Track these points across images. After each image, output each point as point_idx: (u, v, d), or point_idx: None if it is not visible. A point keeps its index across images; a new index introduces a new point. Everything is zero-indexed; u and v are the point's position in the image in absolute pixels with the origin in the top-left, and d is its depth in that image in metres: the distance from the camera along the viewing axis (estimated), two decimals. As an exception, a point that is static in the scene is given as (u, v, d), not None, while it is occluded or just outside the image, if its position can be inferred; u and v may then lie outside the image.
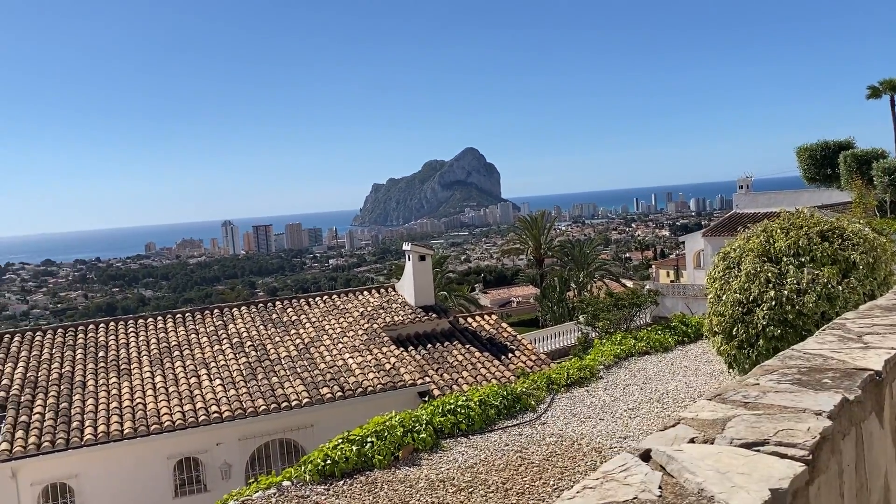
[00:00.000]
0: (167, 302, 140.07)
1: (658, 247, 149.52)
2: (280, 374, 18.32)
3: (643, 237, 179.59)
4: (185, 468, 16.74)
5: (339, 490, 8.06)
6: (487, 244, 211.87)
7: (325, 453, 8.53)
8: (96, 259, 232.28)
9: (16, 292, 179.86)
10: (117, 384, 17.71)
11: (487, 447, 9.34)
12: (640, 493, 1.85)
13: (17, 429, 15.67)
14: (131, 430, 15.89)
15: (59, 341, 19.90)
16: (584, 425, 10.19)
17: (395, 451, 8.87)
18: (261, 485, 8.18)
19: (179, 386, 17.66)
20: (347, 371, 18.48)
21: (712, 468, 2.00)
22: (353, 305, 22.85)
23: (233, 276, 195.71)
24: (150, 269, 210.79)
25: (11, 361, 18.73)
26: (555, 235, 59.15)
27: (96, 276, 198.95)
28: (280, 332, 20.71)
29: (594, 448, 9.15)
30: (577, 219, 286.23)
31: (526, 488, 7.84)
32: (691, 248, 46.72)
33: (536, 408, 10.99)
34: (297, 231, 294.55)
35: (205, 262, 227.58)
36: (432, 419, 9.68)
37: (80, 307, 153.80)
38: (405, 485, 8.09)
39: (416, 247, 23.97)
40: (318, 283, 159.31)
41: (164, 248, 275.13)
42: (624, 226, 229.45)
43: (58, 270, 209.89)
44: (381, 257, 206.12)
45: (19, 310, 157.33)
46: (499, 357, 20.68)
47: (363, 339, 20.36)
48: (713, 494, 1.86)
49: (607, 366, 13.33)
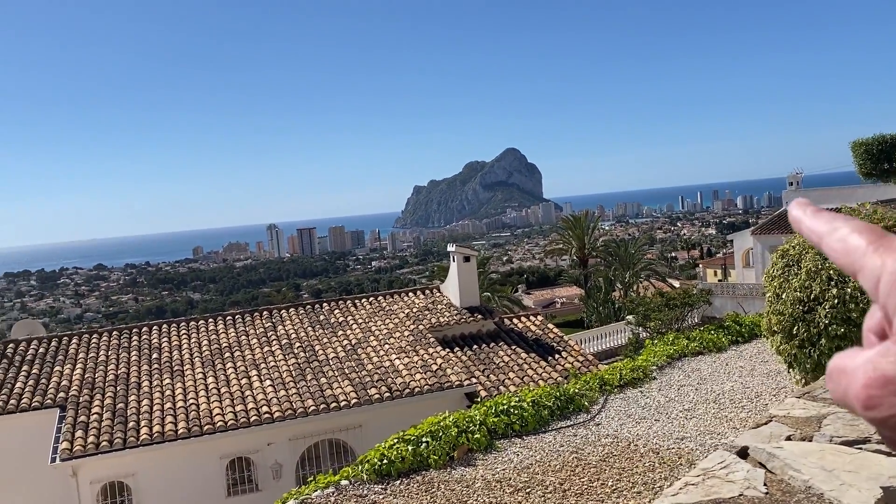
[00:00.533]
0: (215, 304, 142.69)
1: (704, 246, 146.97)
2: (328, 374, 18.48)
3: (689, 236, 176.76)
4: (238, 468, 16.99)
5: (397, 489, 8.07)
6: (530, 245, 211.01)
7: (381, 453, 8.55)
8: (146, 263, 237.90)
9: (70, 296, 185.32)
10: (171, 385, 18.07)
11: (542, 448, 9.25)
12: (745, 489, 1.79)
13: (76, 429, 16.09)
14: (185, 430, 16.19)
15: (115, 343, 20.40)
16: (639, 426, 10.03)
17: (450, 452, 8.85)
18: (319, 484, 8.24)
19: (231, 387, 17.93)
20: (394, 372, 18.55)
21: (817, 465, 1.92)
22: (399, 307, 22.93)
23: (278, 278, 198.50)
24: (197, 273, 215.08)
25: (70, 363, 19.27)
26: (598, 235, 58.50)
27: (146, 280, 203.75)
28: (328, 333, 20.89)
29: (651, 449, 9.00)
30: (620, 218, 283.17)
31: (584, 489, 7.75)
32: (740, 246, 45.78)
33: (590, 409, 10.87)
34: (341, 233, 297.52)
35: (251, 264, 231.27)
36: (486, 419, 9.63)
37: (131, 310, 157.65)
38: (462, 485, 8.06)
39: (461, 248, 23.94)
40: (361, 285, 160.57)
41: (212, 251, 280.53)
42: (669, 225, 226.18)
43: (109, 274, 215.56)
44: (423, 259, 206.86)
45: (73, 313, 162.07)
46: (545, 358, 20.53)
47: (409, 340, 20.41)
48: (822, 492, 1.78)
49: (660, 366, 13.11)
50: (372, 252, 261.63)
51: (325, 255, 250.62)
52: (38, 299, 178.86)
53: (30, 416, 17.30)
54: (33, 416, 17.29)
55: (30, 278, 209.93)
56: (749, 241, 42.43)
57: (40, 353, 19.83)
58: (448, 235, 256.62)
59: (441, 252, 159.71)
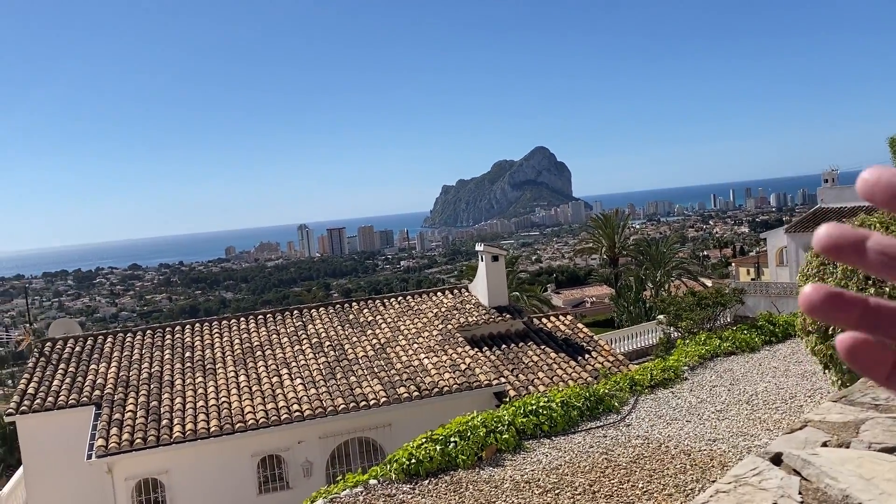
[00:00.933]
0: (247, 304, 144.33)
1: (737, 244, 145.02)
2: (358, 373, 18.56)
3: (721, 234, 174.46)
4: (269, 466, 17.15)
5: (425, 489, 8.07)
6: (559, 244, 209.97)
7: (409, 452, 8.56)
8: (179, 263, 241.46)
9: (105, 295, 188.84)
10: (203, 383, 18.30)
11: (571, 449, 9.19)
12: (778, 498, 1.74)
13: (111, 426, 16.38)
14: (217, 427, 16.38)
15: (148, 342, 20.72)
16: (670, 427, 9.91)
17: (478, 452, 8.83)
18: (348, 483, 8.28)
19: (262, 385, 18.11)
20: (423, 371, 18.57)
21: (854, 473, 1.86)
22: (427, 306, 22.95)
23: (308, 277, 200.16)
24: (230, 272, 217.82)
25: (105, 361, 19.61)
26: (629, 234, 57.94)
27: (180, 280, 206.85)
28: (357, 332, 20.99)
29: (683, 451, 8.88)
30: (651, 217, 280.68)
31: (614, 491, 7.67)
32: (773, 244, 45.05)
33: (620, 409, 10.76)
34: (370, 233, 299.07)
35: (282, 264, 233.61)
36: (514, 420, 9.59)
37: (165, 309, 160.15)
38: (490, 485, 8.04)
39: (489, 247, 23.89)
40: (390, 285, 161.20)
41: (244, 251, 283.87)
42: (701, 223, 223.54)
43: (143, 274, 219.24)
44: (452, 258, 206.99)
45: (109, 312, 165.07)
46: (575, 358, 20.40)
47: (438, 339, 20.42)
48: (861, 502, 1.73)
49: (692, 367, 12.95)
50: (401, 252, 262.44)
51: (354, 255, 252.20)
52: (75, 298, 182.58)
53: (67, 414, 17.66)
54: (70, 414, 17.64)
55: (67, 278, 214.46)
56: (783, 239, 41.75)
57: (76, 351, 20.22)
58: (476, 235, 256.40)
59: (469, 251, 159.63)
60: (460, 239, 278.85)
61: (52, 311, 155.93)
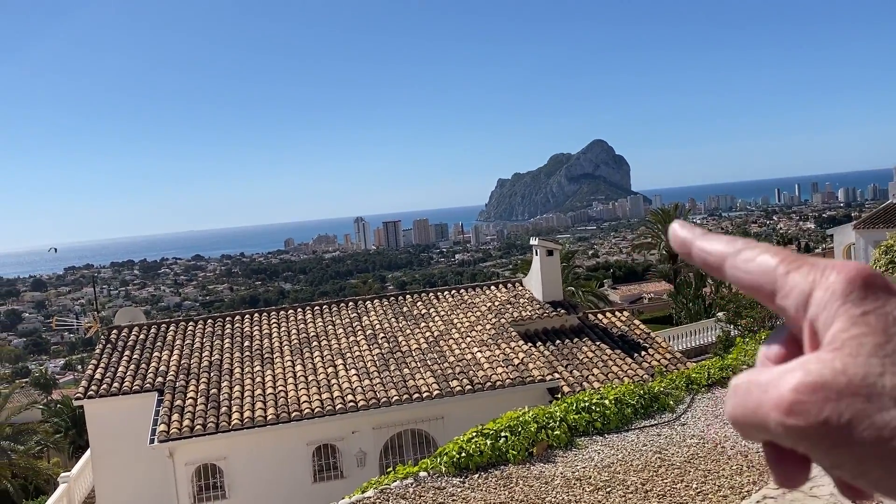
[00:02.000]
0: (305, 295, 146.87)
1: (802, 240, 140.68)
2: (411, 365, 18.69)
3: (785, 230, 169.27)
4: (324, 455, 17.44)
5: (475, 483, 8.08)
6: (616, 239, 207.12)
7: (459, 446, 8.58)
8: (240, 254, 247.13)
9: (169, 285, 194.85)
10: (261, 372, 18.72)
11: (624, 447, 9.07)
12: (830, 506, 1.67)
13: (173, 412, 16.90)
14: (274, 416, 16.73)
15: (209, 331, 21.29)
16: (727, 428, 9.67)
17: (528, 447, 8.79)
18: (398, 474, 8.35)
19: (318, 375, 18.41)
20: (476, 365, 18.58)
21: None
22: (481, 300, 22.94)
23: (364, 270, 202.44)
24: (289, 264, 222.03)
25: (168, 349, 20.25)
26: (689, 229, 56.55)
27: (240, 270, 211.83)
28: (411, 324, 21.12)
29: (739, 452, 8.66)
30: (713, 211, 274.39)
31: (667, 490, 7.54)
32: (840, 241, 43.49)
33: (675, 408, 10.56)
34: (425, 227, 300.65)
35: (339, 256, 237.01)
36: (566, 416, 9.51)
37: (226, 299, 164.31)
38: (540, 481, 8.00)
39: (544, 241, 23.71)
40: (444, 278, 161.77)
41: (302, 243, 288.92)
42: (764, 218, 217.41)
43: (206, 265, 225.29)
44: (507, 252, 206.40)
45: (172, 301, 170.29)
46: (631, 354, 20.10)
47: (491, 333, 20.39)
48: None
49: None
50: (455, 245, 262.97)
51: (409, 248, 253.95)
52: (141, 288, 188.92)
53: (131, 399, 18.30)
54: (134, 399, 18.28)
55: (133, 268, 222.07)
56: (851, 235, 40.24)
57: (141, 339, 20.92)
58: (532, 229, 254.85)
59: (524, 246, 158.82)
60: (515, 233, 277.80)
61: (119, 299, 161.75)
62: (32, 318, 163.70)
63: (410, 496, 7.80)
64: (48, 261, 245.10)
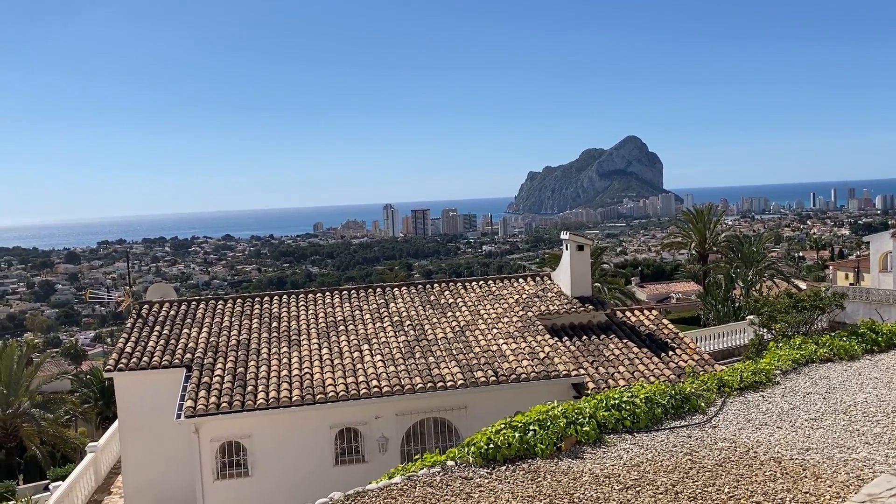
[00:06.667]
0: (332, 279, 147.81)
1: (836, 247, 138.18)
2: (436, 354, 18.66)
3: (819, 235, 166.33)
4: (346, 438, 17.50)
5: (502, 475, 8.01)
6: (646, 237, 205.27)
7: (488, 437, 8.53)
8: (270, 236, 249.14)
9: (199, 263, 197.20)
10: (287, 353, 18.81)
11: (654, 447, 8.93)
12: (919, 523, 1.56)
13: (200, 388, 17.06)
14: (299, 397, 16.81)
15: (238, 310, 21.45)
16: (759, 432, 9.49)
17: (557, 442, 8.70)
18: (425, 462, 8.32)
19: (343, 359, 18.46)
20: (501, 357, 18.49)
21: None
22: (508, 292, 22.81)
23: (391, 257, 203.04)
24: (317, 248, 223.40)
25: (197, 326, 20.44)
26: (721, 230, 55.86)
27: (269, 252, 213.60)
28: (437, 313, 21.08)
29: (772, 458, 8.48)
30: (745, 213, 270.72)
31: (697, 493, 7.40)
32: (877, 248, 42.59)
33: (706, 410, 10.39)
34: (453, 216, 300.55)
35: (367, 242, 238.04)
36: (596, 413, 9.40)
37: (254, 279, 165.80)
38: (568, 476, 7.90)
39: (575, 236, 23.46)
40: (470, 268, 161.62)
41: (331, 228, 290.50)
42: (798, 223, 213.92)
43: (236, 245, 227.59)
44: (534, 245, 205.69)
45: (202, 279, 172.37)
46: (658, 354, 19.87)
47: (517, 325, 20.27)
48: None
49: (784, 371, 12.36)
50: (483, 236, 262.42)
51: (437, 237, 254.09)
52: (172, 265, 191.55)
53: (159, 374, 18.51)
54: (162, 374, 18.48)
55: (165, 245, 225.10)
56: (888, 243, 39.41)
57: (171, 315, 21.15)
58: (561, 223, 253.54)
59: (552, 240, 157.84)
60: (544, 226, 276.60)
61: (150, 275, 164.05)
62: (65, 290, 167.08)
63: (437, 484, 7.75)
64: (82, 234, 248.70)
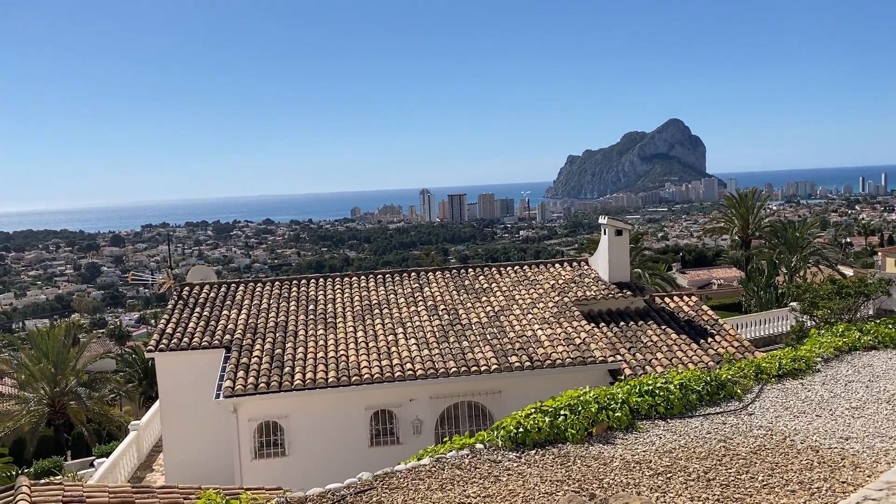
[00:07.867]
0: (368, 263, 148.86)
1: (886, 232, 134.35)
2: (470, 338, 18.67)
3: (868, 221, 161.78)
4: (381, 420, 17.66)
5: (531, 459, 8.00)
6: (688, 221, 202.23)
7: (518, 421, 8.51)
8: (308, 220, 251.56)
9: (240, 247, 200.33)
10: (324, 336, 19.03)
11: (687, 433, 8.81)
12: (940, 513, 1.50)
13: (238, 369, 17.36)
14: (335, 378, 17.00)
15: (276, 293, 21.74)
16: (797, 420, 9.30)
17: (588, 427, 8.65)
18: (455, 444, 8.35)
19: (378, 342, 18.60)
20: (536, 342, 18.42)
21: None
22: (544, 277, 22.68)
23: (427, 242, 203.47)
24: (354, 232, 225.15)
25: (236, 308, 20.78)
26: (764, 215, 54.58)
27: (308, 236, 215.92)
28: (472, 298, 21.08)
29: (810, 446, 8.31)
30: (790, 198, 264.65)
31: (730, 481, 7.29)
32: (930, 235, 41.17)
33: (742, 397, 10.21)
34: (490, 201, 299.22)
35: (403, 227, 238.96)
36: (628, 398, 9.31)
37: (293, 263, 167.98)
38: (599, 462, 7.85)
39: (613, 220, 23.17)
40: (507, 254, 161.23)
41: (368, 212, 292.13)
42: (846, 208, 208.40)
43: (276, 229, 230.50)
44: (573, 230, 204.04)
45: (243, 263, 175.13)
46: (697, 340, 19.58)
47: (553, 311, 20.16)
48: None
49: (826, 358, 12.07)
50: (520, 221, 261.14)
51: (473, 222, 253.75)
52: (213, 248, 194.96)
53: (199, 354, 18.89)
54: (202, 354, 18.86)
55: (207, 228, 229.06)
56: (941, 229, 38.01)
57: (211, 297, 21.53)
58: (600, 208, 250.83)
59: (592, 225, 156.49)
60: (583, 211, 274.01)
61: (192, 258, 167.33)
62: (110, 272, 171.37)
63: (466, 467, 7.77)
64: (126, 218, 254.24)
